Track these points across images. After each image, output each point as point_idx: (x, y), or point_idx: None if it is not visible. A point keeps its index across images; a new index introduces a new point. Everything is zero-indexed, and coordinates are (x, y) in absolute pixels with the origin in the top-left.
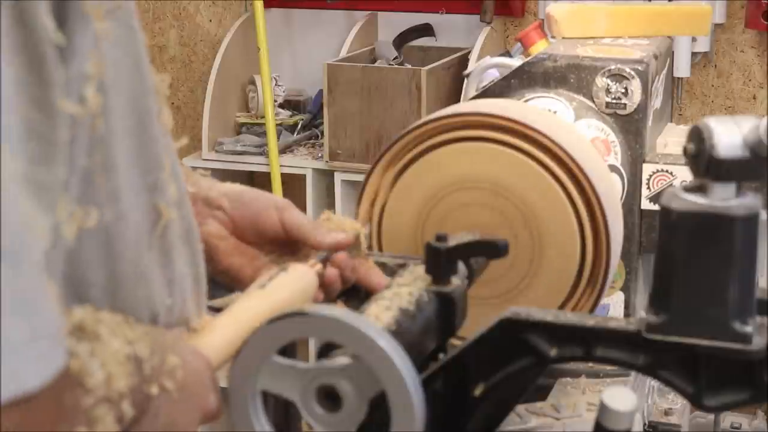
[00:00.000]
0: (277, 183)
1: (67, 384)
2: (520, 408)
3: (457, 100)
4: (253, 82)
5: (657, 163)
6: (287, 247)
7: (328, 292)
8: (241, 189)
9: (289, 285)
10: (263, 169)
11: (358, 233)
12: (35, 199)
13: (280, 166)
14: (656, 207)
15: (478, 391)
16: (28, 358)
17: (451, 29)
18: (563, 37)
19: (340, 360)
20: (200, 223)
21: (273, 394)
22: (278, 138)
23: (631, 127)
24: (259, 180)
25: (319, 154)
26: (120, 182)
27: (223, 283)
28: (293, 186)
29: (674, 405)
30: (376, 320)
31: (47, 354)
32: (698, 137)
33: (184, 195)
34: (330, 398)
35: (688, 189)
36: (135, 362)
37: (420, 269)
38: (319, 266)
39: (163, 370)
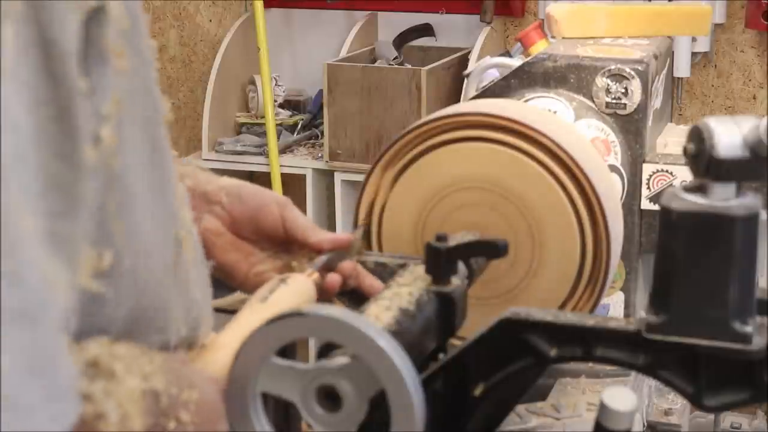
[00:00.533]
0: (277, 183)
1: (82, 428)
2: (520, 408)
3: (457, 100)
4: (253, 82)
5: (657, 163)
6: (283, 245)
7: (326, 299)
8: (239, 184)
9: (290, 297)
10: (263, 169)
11: (357, 235)
12: (56, 254)
13: (280, 166)
14: (656, 207)
15: (478, 391)
16: (43, 420)
17: (451, 29)
18: (563, 37)
19: (340, 360)
20: (197, 218)
21: (273, 395)
22: (278, 138)
23: (631, 127)
24: (259, 180)
25: (319, 154)
26: (138, 217)
27: (218, 279)
28: (293, 186)
29: (674, 405)
30: (376, 320)
31: (61, 413)
32: (698, 137)
33: (190, 215)
34: (330, 398)
35: (688, 189)
36: (151, 397)
37: (420, 269)
38: (316, 275)
39: (180, 402)
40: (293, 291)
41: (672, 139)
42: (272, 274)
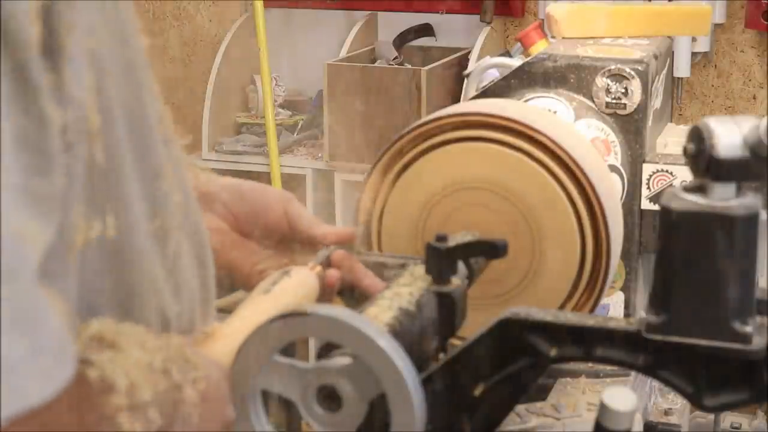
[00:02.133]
0: (277, 183)
1: (87, 394)
2: (520, 408)
3: (457, 100)
4: (253, 82)
5: (657, 163)
6: (286, 242)
7: (327, 293)
8: (239, 182)
9: (293, 289)
10: (263, 169)
11: (359, 231)
12: (30, 210)
13: (280, 166)
14: (656, 207)
15: (478, 391)
16: (29, 375)
17: (451, 29)
18: (563, 37)
19: (340, 360)
20: None
21: (273, 393)
22: (278, 138)
23: (631, 127)
24: (259, 180)
25: (319, 154)
26: (124, 191)
27: (220, 278)
28: (293, 186)
29: (674, 405)
30: (376, 320)
31: (49, 369)
32: (698, 137)
33: (191, 201)
34: (330, 398)
35: (688, 189)
36: (159, 371)
37: (420, 269)
38: (319, 268)
39: (188, 380)
40: (296, 283)
41: (672, 139)
42: (275, 271)
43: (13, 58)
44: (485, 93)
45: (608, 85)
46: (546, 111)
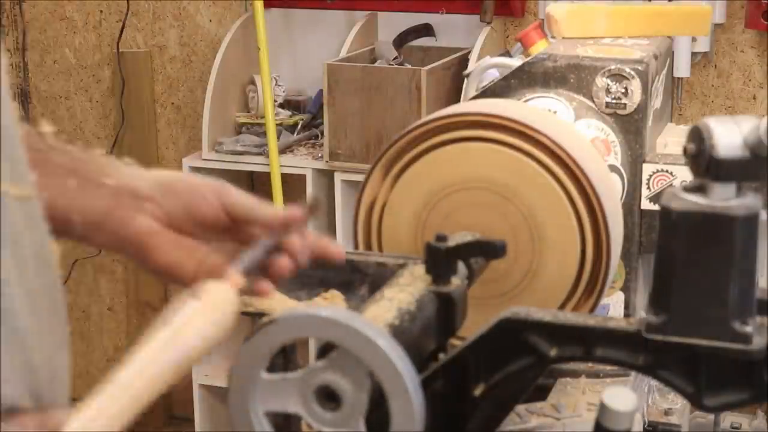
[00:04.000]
0: (277, 183)
1: None
2: (520, 408)
3: (457, 100)
4: (253, 82)
5: (657, 163)
6: (229, 232)
7: (278, 281)
8: (171, 176)
9: (199, 317)
10: (263, 169)
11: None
12: None
13: (280, 166)
14: (656, 207)
15: (478, 391)
16: None
17: (451, 29)
18: (563, 37)
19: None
20: (128, 219)
21: (276, 412)
22: (278, 138)
23: (631, 127)
24: (259, 180)
25: (319, 154)
26: None
27: (164, 280)
28: (293, 186)
29: (674, 405)
30: (376, 320)
31: None
32: (698, 137)
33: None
34: (330, 398)
35: (688, 189)
36: None
37: (420, 269)
38: (238, 281)
39: None
40: (207, 306)
41: (672, 139)
42: (225, 266)
43: None
44: (485, 93)
45: (608, 85)
46: (546, 111)
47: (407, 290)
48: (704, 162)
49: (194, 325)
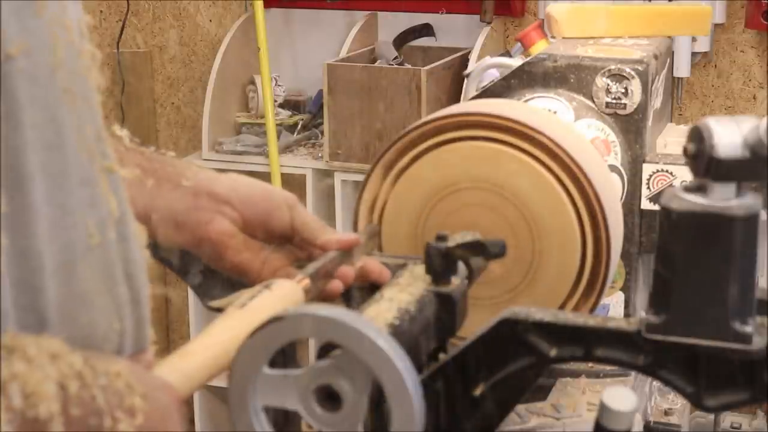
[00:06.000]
0: (277, 183)
1: None
2: (520, 408)
3: (457, 100)
4: (253, 82)
5: (657, 163)
6: (289, 240)
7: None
8: (248, 184)
9: (271, 304)
10: (263, 169)
11: (374, 229)
12: None
13: (280, 166)
14: (656, 207)
15: (478, 391)
16: None
17: (451, 29)
18: (563, 37)
19: (331, 356)
20: (206, 220)
21: (274, 407)
22: (278, 138)
23: (631, 127)
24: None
25: (319, 154)
26: (31, 199)
27: (232, 277)
28: (293, 186)
29: (674, 405)
30: (375, 320)
31: None
32: (698, 137)
33: (126, 214)
34: (330, 398)
35: (688, 189)
36: (75, 394)
37: (420, 269)
38: (306, 282)
39: (117, 408)
40: (277, 297)
41: (672, 139)
42: (288, 268)
43: None
44: (485, 93)
45: (608, 85)
46: (546, 111)
47: (407, 290)
48: (704, 162)
49: (264, 309)
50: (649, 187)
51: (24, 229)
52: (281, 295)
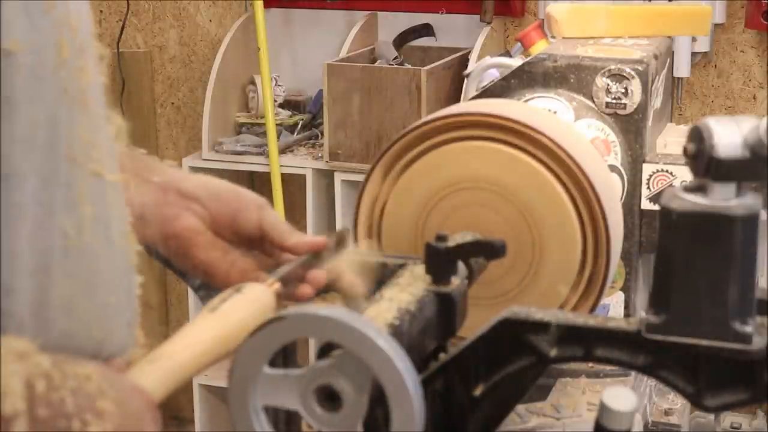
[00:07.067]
0: (277, 183)
1: None
2: (520, 408)
3: (457, 100)
4: (253, 82)
5: (657, 163)
6: (257, 245)
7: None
8: (217, 183)
9: (243, 307)
10: (263, 169)
11: (342, 233)
12: None
13: (280, 166)
14: (656, 207)
15: (478, 391)
16: None
17: (451, 29)
18: (563, 37)
19: (331, 356)
20: (174, 216)
21: (274, 407)
22: (278, 138)
23: (631, 127)
24: (259, 180)
25: (319, 154)
26: (20, 197)
27: (197, 277)
28: (293, 186)
29: (674, 405)
30: (375, 320)
31: None
32: (698, 137)
33: (113, 218)
34: (330, 398)
35: (688, 189)
36: (42, 396)
37: (420, 269)
38: (277, 285)
39: (85, 410)
40: (248, 300)
41: (672, 139)
42: (257, 272)
43: None
44: (485, 93)
45: (608, 85)
46: (546, 111)
47: (407, 290)
48: (704, 162)
49: (236, 312)
50: (649, 187)
51: (8, 227)
52: (252, 298)
